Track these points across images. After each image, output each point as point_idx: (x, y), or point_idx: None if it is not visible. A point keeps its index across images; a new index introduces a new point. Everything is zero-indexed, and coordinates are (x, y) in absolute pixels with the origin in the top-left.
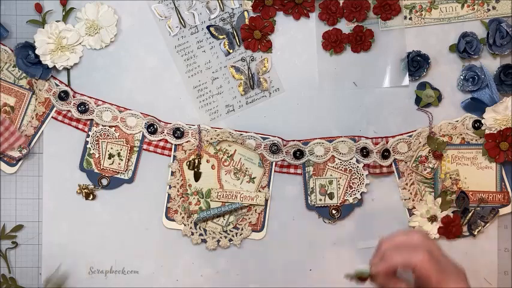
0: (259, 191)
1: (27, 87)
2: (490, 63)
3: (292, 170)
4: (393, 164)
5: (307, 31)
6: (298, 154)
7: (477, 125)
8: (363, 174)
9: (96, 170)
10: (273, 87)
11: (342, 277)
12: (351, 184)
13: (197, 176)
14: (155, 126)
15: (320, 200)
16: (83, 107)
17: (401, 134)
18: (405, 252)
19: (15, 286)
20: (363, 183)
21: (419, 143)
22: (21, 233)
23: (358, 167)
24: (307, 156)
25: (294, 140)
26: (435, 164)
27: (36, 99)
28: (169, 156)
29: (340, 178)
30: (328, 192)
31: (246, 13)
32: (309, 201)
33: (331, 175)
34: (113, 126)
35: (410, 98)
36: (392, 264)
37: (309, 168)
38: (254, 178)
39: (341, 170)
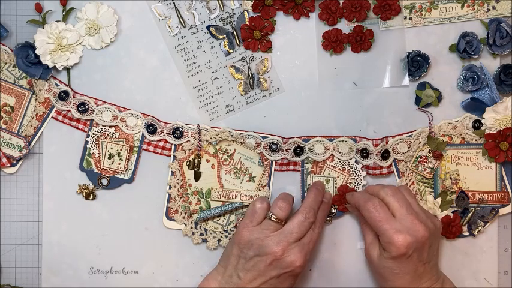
0: (260, 190)
1: (27, 87)
2: (490, 63)
3: (291, 167)
4: (393, 164)
5: (307, 31)
6: (299, 151)
7: (477, 125)
8: (360, 175)
9: (96, 170)
10: (273, 87)
11: (342, 277)
12: (348, 184)
13: (197, 176)
14: (155, 126)
15: None
16: (82, 107)
17: (401, 134)
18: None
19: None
20: (359, 184)
21: (419, 143)
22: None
23: (356, 167)
24: (306, 153)
25: (293, 137)
26: (435, 164)
27: (36, 99)
28: (169, 156)
29: (338, 177)
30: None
31: (246, 13)
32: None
33: (329, 174)
34: (113, 126)
35: (410, 98)
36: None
37: (308, 165)
38: (254, 177)
39: (339, 169)
